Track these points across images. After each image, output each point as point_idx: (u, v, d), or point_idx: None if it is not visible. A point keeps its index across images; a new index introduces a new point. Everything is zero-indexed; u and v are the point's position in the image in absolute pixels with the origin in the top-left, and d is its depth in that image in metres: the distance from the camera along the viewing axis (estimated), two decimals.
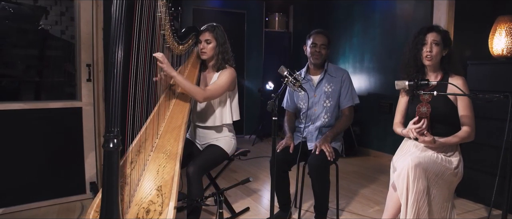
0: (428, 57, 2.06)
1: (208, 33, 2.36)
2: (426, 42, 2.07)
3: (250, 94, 6.16)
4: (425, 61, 2.08)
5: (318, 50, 2.58)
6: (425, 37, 2.07)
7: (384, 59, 4.67)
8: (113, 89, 1.60)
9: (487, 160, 2.94)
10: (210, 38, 2.36)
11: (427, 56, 2.06)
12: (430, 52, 2.05)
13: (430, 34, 2.06)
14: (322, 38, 2.59)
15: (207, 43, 2.36)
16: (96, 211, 1.77)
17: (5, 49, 3.80)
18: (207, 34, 2.36)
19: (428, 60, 2.06)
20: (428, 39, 2.06)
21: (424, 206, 1.82)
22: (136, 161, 1.98)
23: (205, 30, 2.37)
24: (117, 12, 1.59)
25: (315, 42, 2.59)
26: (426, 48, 2.06)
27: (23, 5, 4.04)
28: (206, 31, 2.36)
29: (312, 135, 2.61)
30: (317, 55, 2.58)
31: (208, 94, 2.28)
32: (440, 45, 2.05)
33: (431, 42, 2.05)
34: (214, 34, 2.37)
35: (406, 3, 4.32)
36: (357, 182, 3.69)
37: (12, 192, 2.72)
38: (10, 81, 3.84)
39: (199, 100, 2.29)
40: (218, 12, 5.93)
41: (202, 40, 2.36)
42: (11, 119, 2.71)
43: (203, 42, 2.36)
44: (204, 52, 2.38)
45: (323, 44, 2.59)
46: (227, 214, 2.75)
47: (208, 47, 2.37)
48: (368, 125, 4.97)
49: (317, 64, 2.62)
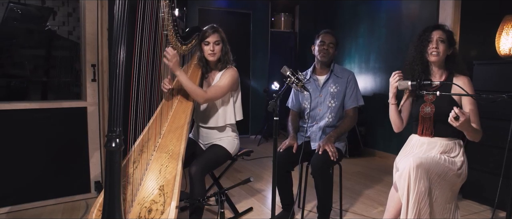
0: (433, 54, 2.04)
1: (216, 34, 2.36)
2: (432, 39, 2.06)
3: (255, 94, 6.16)
4: (431, 58, 2.06)
5: (326, 48, 2.59)
6: (431, 34, 2.07)
7: (390, 59, 4.64)
8: (115, 89, 1.61)
9: (493, 161, 2.91)
10: (218, 39, 2.37)
11: (433, 52, 2.04)
12: (436, 49, 2.04)
13: (435, 32, 2.06)
14: (331, 38, 2.61)
15: (216, 44, 2.37)
16: (99, 210, 1.79)
17: (14, 50, 3.86)
18: (216, 36, 2.36)
19: (434, 56, 2.05)
20: (434, 36, 2.05)
21: (425, 207, 1.81)
22: (138, 160, 2.00)
23: (212, 32, 2.36)
24: (119, 12, 1.60)
25: (324, 41, 2.60)
26: (432, 44, 2.05)
27: (30, 6, 4.09)
28: (214, 33, 2.36)
29: (315, 135, 2.61)
30: (324, 52, 2.59)
31: (209, 96, 2.29)
32: (445, 43, 2.04)
33: (437, 39, 2.04)
34: (220, 34, 2.38)
35: (412, 3, 4.29)
36: (361, 183, 3.67)
37: (18, 190, 2.75)
38: (19, 82, 3.88)
39: (200, 101, 2.30)
40: (223, 12, 5.94)
41: (211, 42, 2.35)
42: (18, 119, 2.74)
43: (212, 44, 2.36)
44: (214, 54, 2.38)
45: (331, 43, 2.61)
46: (231, 214, 2.76)
47: (217, 48, 2.37)
48: (374, 125, 4.94)
49: (324, 62, 2.62)
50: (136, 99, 1.90)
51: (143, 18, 1.90)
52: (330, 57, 2.63)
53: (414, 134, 2.18)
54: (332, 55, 2.64)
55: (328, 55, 2.61)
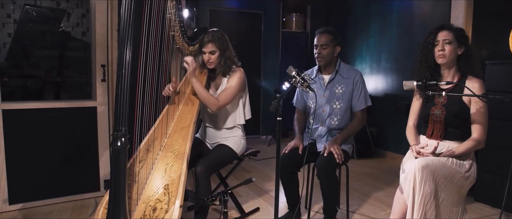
0: (440, 56, 2.01)
1: (211, 44, 2.34)
2: (438, 42, 2.02)
3: (266, 94, 6.16)
4: (438, 60, 2.03)
5: (318, 52, 2.53)
6: (436, 36, 2.02)
7: (401, 59, 4.59)
8: (121, 89, 1.64)
9: (505, 163, 2.84)
10: (214, 48, 2.35)
11: (439, 55, 2.01)
12: (442, 51, 2.00)
13: (440, 33, 2.02)
14: (323, 38, 2.51)
15: (211, 54, 2.37)
16: (105, 208, 1.81)
17: (29, 51, 3.95)
18: (210, 46, 2.34)
19: (440, 58, 2.01)
20: (439, 38, 2.01)
21: (431, 210, 1.78)
22: (144, 159, 2.03)
23: (207, 41, 2.34)
24: (125, 13, 1.63)
25: (316, 44, 2.54)
26: (437, 47, 2.01)
27: (45, 8, 4.19)
28: (209, 43, 2.34)
29: (321, 137, 2.58)
30: (318, 56, 2.53)
31: (221, 103, 2.31)
32: (453, 43, 1.99)
33: (442, 41, 2.00)
34: (216, 43, 2.35)
35: (423, 3, 4.23)
36: (370, 184, 3.64)
37: (30, 188, 2.82)
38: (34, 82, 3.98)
39: (212, 109, 2.32)
40: (234, 12, 5.96)
41: (206, 52, 2.36)
42: (32, 118, 2.81)
43: (207, 54, 2.36)
44: (211, 63, 2.39)
45: (324, 45, 2.51)
46: (237, 213, 2.76)
47: (213, 57, 2.37)
48: (385, 126, 4.89)
49: (322, 65, 2.58)
50: (142, 99, 1.93)
51: (149, 19, 1.93)
52: (327, 58, 2.53)
53: (422, 135, 2.15)
54: (329, 55, 2.53)
55: (323, 59, 2.53)
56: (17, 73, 3.91)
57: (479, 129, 1.95)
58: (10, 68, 3.88)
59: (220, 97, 2.32)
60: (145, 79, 1.93)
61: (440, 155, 1.94)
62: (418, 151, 1.99)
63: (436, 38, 2.02)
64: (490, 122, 2.00)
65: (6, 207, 2.74)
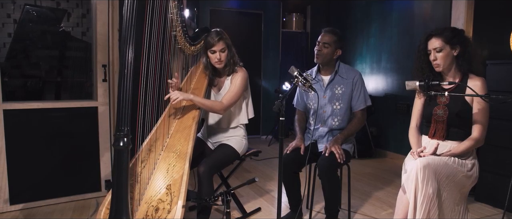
0: (435, 66, 2.01)
1: (222, 42, 2.34)
2: (430, 51, 2.01)
3: (266, 94, 6.16)
4: (435, 69, 2.03)
5: (319, 49, 2.52)
6: (427, 46, 2.02)
7: (401, 59, 4.59)
8: (123, 88, 1.63)
9: (506, 163, 2.85)
10: (224, 46, 2.35)
11: (434, 65, 2.01)
12: (435, 61, 1.99)
13: (429, 42, 2.00)
14: (327, 37, 2.51)
15: (222, 52, 2.35)
16: (107, 208, 1.81)
17: (30, 51, 3.95)
18: (221, 43, 2.34)
19: (436, 67, 2.02)
20: (430, 48, 2.00)
21: (434, 209, 1.78)
22: (146, 160, 2.02)
23: (217, 40, 2.32)
24: (128, 13, 1.63)
25: (319, 41, 2.54)
26: (431, 57, 2.01)
27: (45, 8, 4.18)
28: (220, 41, 2.33)
29: (322, 137, 2.58)
30: (317, 53, 2.53)
31: (227, 105, 2.32)
32: (445, 49, 1.96)
33: (433, 50, 1.99)
34: (225, 41, 2.36)
35: (424, 2, 4.24)
36: (371, 184, 3.64)
37: (31, 188, 2.81)
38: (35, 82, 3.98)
39: (221, 113, 2.33)
40: (235, 12, 5.96)
41: (217, 50, 2.34)
42: (33, 118, 2.81)
43: (218, 52, 2.34)
44: (221, 62, 2.37)
45: (326, 43, 2.50)
46: (239, 214, 2.76)
47: (224, 55, 2.37)
48: (385, 126, 4.89)
49: (320, 63, 2.58)
50: (145, 99, 1.93)
51: (151, 19, 1.93)
52: (325, 58, 2.53)
53: (424, 135, 2.15)
54: (328, 55, 2.52)
55: (321, 56, 2.52)
56: (17, 73, 3.91)
57: (480, 128, 1.95)
58: (10, 68, 3.87)
59: (225, 99, 2.32)
60: (147, 79, 1.93)
61: (440, 156, 1.94)
62: (418, 154, 1.98)
63: (427, 47, 2.02)
64: (491, 122, 2.00)
65: (7, 207, 2.74)
